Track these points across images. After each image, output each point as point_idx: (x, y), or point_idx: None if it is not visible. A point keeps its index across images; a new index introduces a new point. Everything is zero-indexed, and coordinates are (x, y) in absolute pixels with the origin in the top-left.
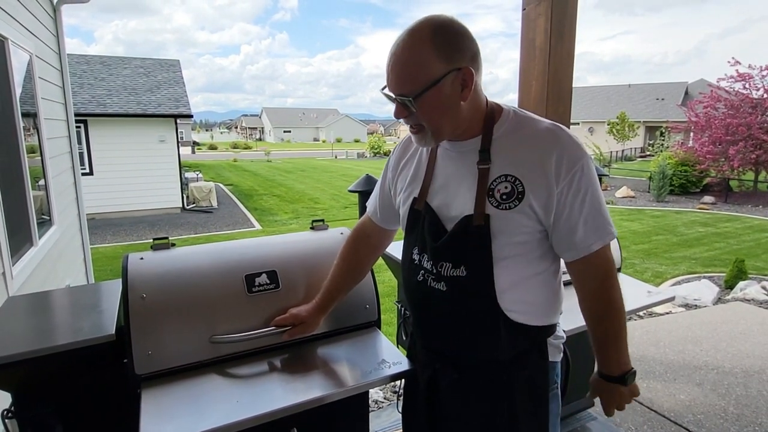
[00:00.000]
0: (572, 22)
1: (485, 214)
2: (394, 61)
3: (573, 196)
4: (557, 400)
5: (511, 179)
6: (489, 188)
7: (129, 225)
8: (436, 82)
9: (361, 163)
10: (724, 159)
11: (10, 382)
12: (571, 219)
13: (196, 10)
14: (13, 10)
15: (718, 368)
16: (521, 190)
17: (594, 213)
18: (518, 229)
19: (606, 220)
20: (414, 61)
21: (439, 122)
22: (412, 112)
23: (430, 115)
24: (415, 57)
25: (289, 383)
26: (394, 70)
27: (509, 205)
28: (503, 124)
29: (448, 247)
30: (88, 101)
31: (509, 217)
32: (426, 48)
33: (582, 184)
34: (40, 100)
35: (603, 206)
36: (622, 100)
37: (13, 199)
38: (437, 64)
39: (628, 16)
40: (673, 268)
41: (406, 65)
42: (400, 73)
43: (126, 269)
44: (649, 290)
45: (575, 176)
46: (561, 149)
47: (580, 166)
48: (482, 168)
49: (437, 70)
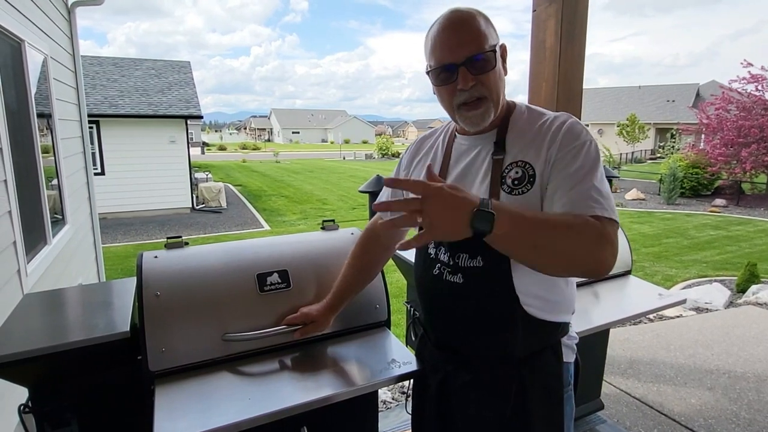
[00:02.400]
0: (583, 23)
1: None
2: (461, 24)
3: (566, 165)
4: (571, 401)
5: (521, 164)
6: (501, 176)
7: (140, 225)
8: (496, 47)
9: (369, 164)
10: (736, 161)
11: (27, 378)
12: (560, 182)
13: (207, 12)
14: (29, 13)
15: (730, 372)
16: (532, 173)
17: (589, 185)
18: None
19: (603, 197)
20: (476, 23)
21: (500, 89)
22: (490, 68)
23: (497, 79)
24: (476, 20)
25: (300, 382)
26: (463, 31)
27: (522, 190)
28: (517, 117)
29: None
30: (100, 102)
31: (522, 202)
32: (480, 18)
33: (579, 158)
34: (55, 100)
35: (603, 185)
36: (632, 101)
37: (28, 198)
38: (492, 32)
39: (638, 17)
40: (684, 272)
41: (471, 25)
42: (473, 31)
43: (141, 267)
44: (660, 293)
45: (573, 150)
46: (567, 128)
47: (581, 143)
48: (497, 158)
49: (493, 37)
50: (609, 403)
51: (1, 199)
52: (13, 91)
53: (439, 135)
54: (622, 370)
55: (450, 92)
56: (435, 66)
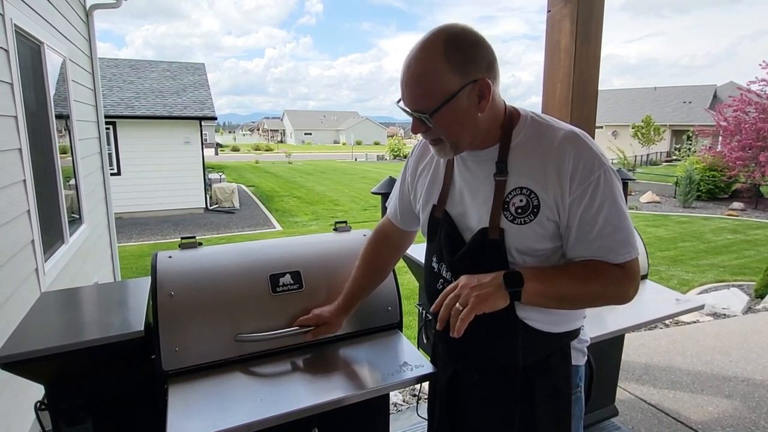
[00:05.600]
0: (598, 23)
1: (500, 228)
2: (408, 76)
3: (585, 210)
4: (580, 403)
5: (526, 192)
6: (504, 201)
7: (154, 224)
8: (452, 97)
9: (381, 165)
10: (755, 164)
11: (43, 375)
12: (580, 233)
13: (223, 15)
14: (48, 15)
15: (749, 380)
16: (536, 204)
17: (610, 229)
18: (534, 243)
19: (625, 239)
20: (428, 77)
21: (457, 135)
22: (430, 128)
23: (448, 129)
24: (428, 72)
25: (312, 383)
26: (408, 86)
27: (524, 220)
28: (521, 130)
29: (465, 260)
30: (117, 103)
31: (524, 231)
32: (439, 62)
33: (597, 197)
34: (73, 102)
35: (624, 221)
36: (648, 103)
37: (46, 197)
38: (452, 78)
39: (655, 18)
40: (700, 276)
41: (420, 81)
42: (415, 89)
43: (155, 267)
44: (678, 298)
45: (589, 188)
46: (577, 158)
47: (596, 178)
48: (498, 180)
49: (453, 84)
50: (624, 409)
51: (20, 198)
52: (33, 92)
53: None
54: (637, 376)
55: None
56: (398, 102)
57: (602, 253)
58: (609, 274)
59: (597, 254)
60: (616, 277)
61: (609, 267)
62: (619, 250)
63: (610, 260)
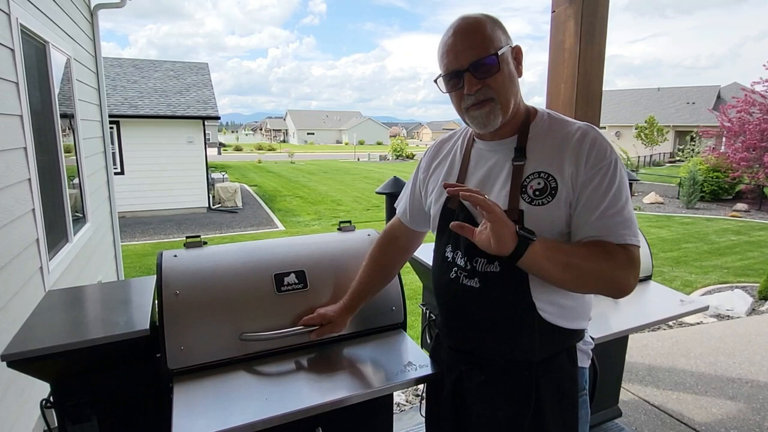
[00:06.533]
0: (603, 24)
1: (519, 210)
2: (466, 30)
3: (594, 189)
4: (586, 406)
5: (543, 175)
6: (522, 185)
7: (157, 223)
8: (505, 47)
9: (383, 165)
10: (759, 165)
11: (49, 373)
12: (586, 210)
13: (227, 15)
14: (53, 15)
15: (753, 382)
16: (554, 186)
17: (614, 211)
18: (551, 225)
19: (627, 222)
20: (483, 28)
21: (509, 92)
22: (485, 84)
23: (503, 83)
24: (482, 25)
25: (316, 382)
26: (468, 38)
27: (542, 201)
28: (539, 123)
29: None
30: (120, 103)
31: (542, 213)
32: (487, 22)
33: (606, 179)
34: (77, 101)
35: (627, 207)
36: (651, 103)
37: (51, 196)
38: (500, 35)
39: (659, 18)
40: (704, 277)
41: (477, 30)
42: (474, 36)
43: (161, 266)
44: (682, 299)
45: (600, 170)
46: (592, 144)
47: (608, 162)
48: (517, 165)
49: (502, 39)
50: (627, 410)
51: (25, 197)
52: (38, 91)
53: (458, 139)
54: (640, 377)
55: (459, 97)
56: (444, 73)
57: (605, 233)
58: (610, 255)
59: (599, 233)
60: (617, 260)
61: (611, 248)
62: (620, 231)
63: (611, 240)
